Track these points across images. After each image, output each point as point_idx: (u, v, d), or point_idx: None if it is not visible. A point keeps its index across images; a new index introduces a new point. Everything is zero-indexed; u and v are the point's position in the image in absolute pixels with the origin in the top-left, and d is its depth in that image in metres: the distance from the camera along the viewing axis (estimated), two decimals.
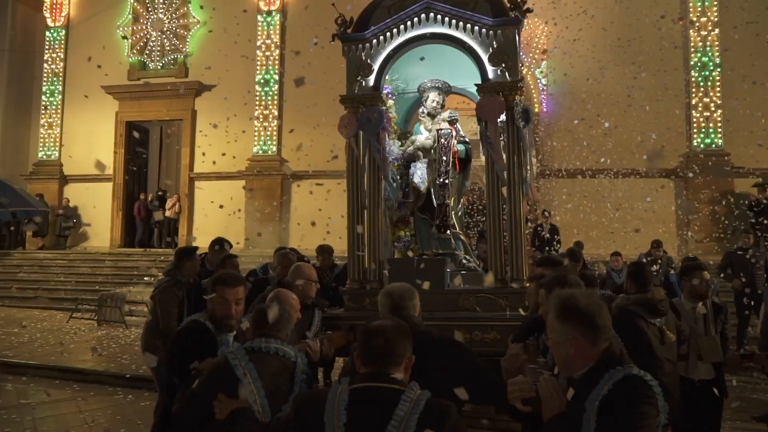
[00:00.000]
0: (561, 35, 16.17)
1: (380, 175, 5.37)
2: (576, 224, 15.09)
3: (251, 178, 18.13)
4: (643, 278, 5.00)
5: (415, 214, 5.87)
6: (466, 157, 5.95)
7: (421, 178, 5.78)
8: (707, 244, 15.26)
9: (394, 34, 5.40)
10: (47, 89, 20.00)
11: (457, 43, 5.31)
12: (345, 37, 5.44)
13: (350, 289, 5.30)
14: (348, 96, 5.43)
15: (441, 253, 5.67)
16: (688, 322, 5.03)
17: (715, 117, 15.88)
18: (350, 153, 5.36)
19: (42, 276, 16.93)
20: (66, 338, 11.36)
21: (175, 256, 5.81)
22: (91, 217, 18.96)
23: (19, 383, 8.51)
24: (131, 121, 19.73)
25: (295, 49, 17.43)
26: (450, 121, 5.92)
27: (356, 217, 5.36)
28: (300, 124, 16.72)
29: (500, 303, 5.01)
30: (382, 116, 5.31)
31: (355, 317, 5.19)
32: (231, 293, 3.51)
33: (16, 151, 20.15)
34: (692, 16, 16.15)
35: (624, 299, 5.07)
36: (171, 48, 19.37)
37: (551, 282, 3.27)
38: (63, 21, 20.17)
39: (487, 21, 5.16)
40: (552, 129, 16.33)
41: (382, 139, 5.34)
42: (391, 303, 3.27)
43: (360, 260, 5.32)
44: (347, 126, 5.38)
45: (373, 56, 5.43)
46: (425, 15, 5.32)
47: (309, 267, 4.21)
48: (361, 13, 5.54)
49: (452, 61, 5.60)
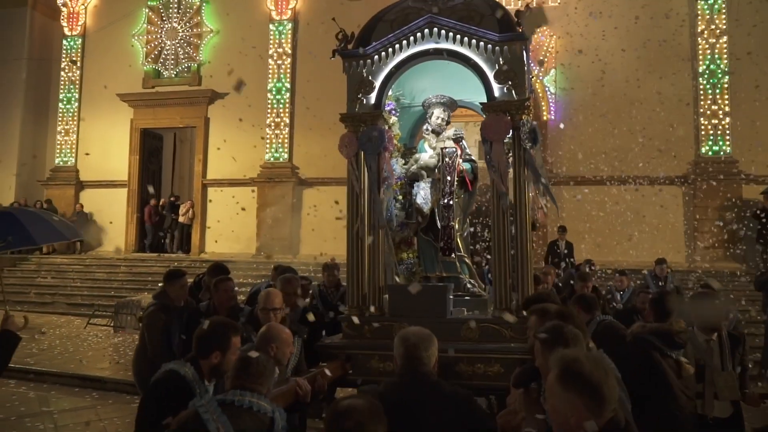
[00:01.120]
0: (569, 46, 15.87)
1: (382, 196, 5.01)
2: (584, 231, 14.74)
3: (263, 184, 17.90)
4: (664, 307, 4.62)
5: (419, 235, 5.48)
6: (473, 176, 5.56)
7: (425, 199, 5.39)
8: (715, 251, 14.85)
9: (397, 50, 5.01)
10: (64, 96, 19.87)
11: (462, 60, 4.92)
12: (345, 53, 5.06)
13: (348, 316, 4.93)
14: (348, 114, 5.06)
15: (445, 276, 5.29)
16: (703, 356, 4.62)
17: (723, 124, 15.46)
18: (350, 174, 4.99)
19: (59, 281, 16.87)
20: (84, 345, 11.43)
21: (163, 279, 5.49)
22: (105, 223, 18.74)
23: (40, 390, 8.55)
24: (146, 128, 19.54)
25: (307, 59, 17.23)
26: (455, 139, 5.54)
27: (355, 239, 4.99)
28: (311, 131, 16.47)
29: (504, 334, 4.62)
30: (383, 136, 4.94)
31: (354, 346, 4.82)
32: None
33: (34, 157, 20.01)
34: (700, 24, 15.71)
35: (640, 327, 4.69)
36: (185, 56, 19.14)
37: (548, 336, 2.91)
38: (79, 30, 20.05)
39: (493, 36, 4.77)
40: (560, 136, 15.95)
41: (383, 159, 4.97)
42: (405, 351, 3.04)
43: (359, 285, 4.96)
44: (347, 145, 5.01)
45: (374, 73, 5.05)
46: (429, 30, 4.92)
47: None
48: (362, 27, 5.16)
49: (458, 74, 5.21)
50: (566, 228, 13.53)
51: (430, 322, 4.65)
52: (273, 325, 3.85)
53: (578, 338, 2.91)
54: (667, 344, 4.34)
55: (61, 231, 6.14)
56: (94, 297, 15.43)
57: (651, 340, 4.38)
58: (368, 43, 5.03)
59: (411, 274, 5.43)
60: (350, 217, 5.04)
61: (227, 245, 17.57)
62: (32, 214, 6.34)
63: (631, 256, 14.02)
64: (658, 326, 4.47)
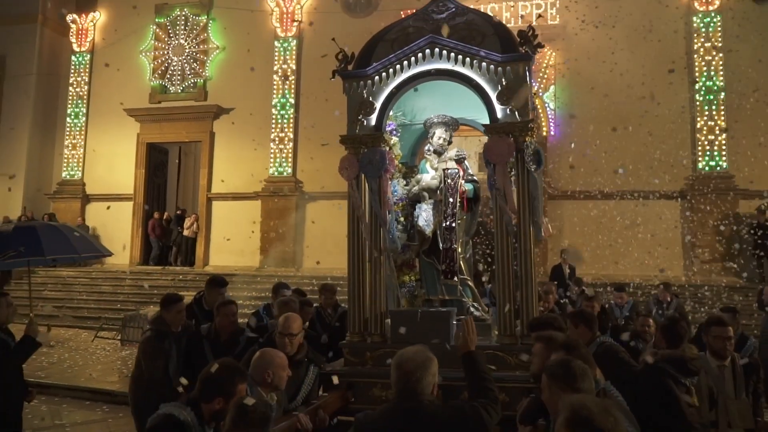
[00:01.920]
0: (568, 64, 15.78)
1: (383, 219, 4.81)
2: (582, 245, 14.57)
3: (267, 198, 17.74)
4: (676, 334, 4.38)
5: (421, 257, 5.27)
6: (475, 197, 5.36)
7: (426, 221, 5.18)
8: (713, 265, 14.67)
9: (398, 70, 4.82)
10: (72, 111, 19.77)
11: (464, 80, 4.73)
12: (345, 74, 4.87)
13: (350, 342, 4.70)
14: (349, 136, 4.86)
15: (448, 299, 5.07)
16: (716, 383, 4.38)
17: (719, 140, 15.34)
18: (351, 197, 4.78)
19: (66, 294, 16.69)
20: (93, 358, 11.39)
21: (160, 304, 5.28)
22: (111, 236, 18.55)
23: (52, 403, 8.49)
24: (152, 142, 19.41)
25: (310, 75, 17.13)
26: (457, 160, 5.33)
27: (357, 263, 4.78)
28: (314, 146, 16.31)
29: (509, 361, 4.40)
30: (384, 158, 4.74)
31: (356, 373, 4.60)
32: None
33: (41, 170, 19.94)
34: (696, 42, 15.61)
35: (652, 355, 4.47)
36: (191, 72, 19.05)
37: (556, 370, 2.74)
38: (88, 46, 19.98)
39: (495, 57, 4.57)
40: (559, 152, 15.80)
41: (385, 182, 4.77)
42: (399, 378, 2.78)
43: (360, 310, 4.74)
44: (348, 168, 4.81)
45: (375, 93, 4.85)
46: (430, 50, 4.74)
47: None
48: (362, 47, 4.97)
49: (459, 93, 5.01)
50: (569, 250, 13.31)
51: (433, 349, 4.47)
52: (266, 350, 3.65)
53: (586, 374, 2.75)
54: (681, 372, 4.11)
55: (75, 247, 6.08)
56: (101, 310, 15.32)
57: (665, 367, 4.15)
58: (368, 64, 4.85)
59: (413, 297, 5.21)
60: (351, 239, 4.83)
61: (231, 258, 17.39)
62: (53, 229, 6.52)
63: (629, 270, 13.83)
64: (671, 353, 4.24)
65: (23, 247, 5.71)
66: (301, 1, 18.31)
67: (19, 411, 5.18)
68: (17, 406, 5.13)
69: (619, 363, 4.37)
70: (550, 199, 15.67)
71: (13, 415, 5.08)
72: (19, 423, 5.23)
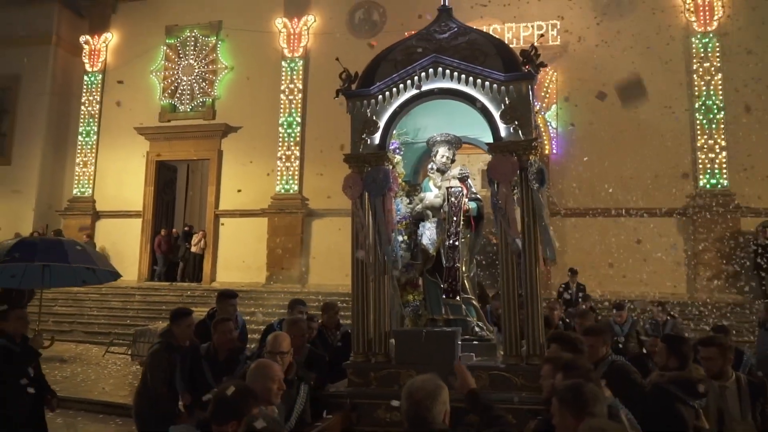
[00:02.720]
0: (569, 83, 15.78)
1: (387, 237, 4.70)
2: (584, 263, 14.41)
3: (273, 215, 17.68)
4: (683, 354, 4.25)
5: (425, 276, 5.15)
6: (479, 215, 5.24)
7: (430, 239, 5.07)
8: (716, 284, 14.50)
9: (401, 90, 4.74)
10: (83, 130, 19.81)
11: (467, 99, 4.64)
12: (349, 93, 4.80)
13: (354, 362, 4.57)
14: (352, 155, 4.77)
15: (452, 318, 4.94)
16: (719, 404, 4.22)
17: (720, 158, 15.25)
18: (354, 216, 4.68)
19: (76, 310, 16.66)
20: (104, 372, 11.50)
21: (170, 317, 5.18)
22: (121, 252, 18.48)
23: (67, 416, 8.52)
24: (161, 160, 19.42)
25: (316, 94, 17.14)
26: (461, 178, 5.23)
27: (360, 283, 4.66)
28: (320, 163, 16.29)
29: (515, 382, 4.26)
30: (388, 176, 4.65)
31: (359, 394, 4.46)
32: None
33: (53, 188, 19.93)
34: (695, 62, 15.59)
35: (659, 376, 4.31)
36: (200, 92, 19.10)
37: (566, 395, 2.66)
38: (100, 66, 20.04)
39: (498, 76, 4.49)
40: (561, 170, 15.72)
41: (388, 200, 4.67)
42: (410, 405, 2.69)
43: (364, 330, 4.61)
44: (352, 186, 4.72)
45: (378, 113, 4.78)
46: (433, 69, 4.66)
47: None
48: (366, 67, 4.90)
49: (461, 111, 4.93)
50: (577, 270, 12.84)
51: (438, 370, 4.34)
52: (261, 361, 3.56)
53: (598, 398, 2.68)
54: (688, 393, 3.96)
55: (69, 257, 6.24)
56: (111, 326, 15.26)
57: (673, 390, 4.00)
58: (372, 83, 4.77)
59: (417, 317, 5.08)
60: (355, 259, 4.71)
61: (238, 275, 17.28)
62: (55, 241, 7.07)
63: (631, 288, 13.67)
64: (677, 375, 4.09)
65: (18, 254, 6.29)
66: (308, 23, 18.37)
67: (39, 417, 5.26)
68: (34, 412, 5.18)
69: (630, 384, 4.23)
70: (552, 216, 15.55)
71: (28, 420, 5.11)
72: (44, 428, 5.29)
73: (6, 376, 4.95)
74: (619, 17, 16.00)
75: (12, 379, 4.98)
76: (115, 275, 7.46)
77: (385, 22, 17.62)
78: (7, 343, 5.07)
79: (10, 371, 4.99)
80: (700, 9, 15.85)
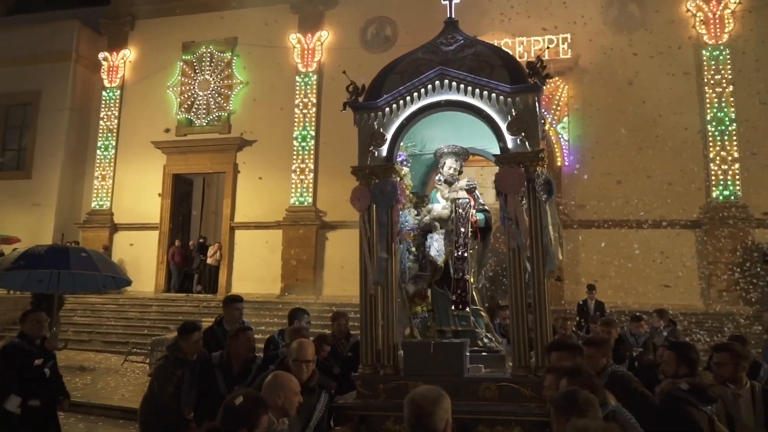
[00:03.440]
0: (580, 96, 15.72)
1: (393, 249, 4.67)
2: (598, 275, 14.27)
3: (288, 227, 17.73)
4: (691, 360, 4.17)
5: (433, 287, 5.09)
6: (487, 226, 5.19)
7: (438, 251, 5.02)
8: (729, 294, 14.29)
9: (408, 102, 4.70)
10: (102, 144, 20.08)
11: (474, 111, 4.61)
12: (356, 106, 4.78)
13: (362, 374, 4.52)
14: (360, 167, 4.75)
15: (461, 330, 4.88)
16: (731, 411, 4.12)
17: (733, 170, 15.11)
18: (362, 229, 4.65)
19: (95, 320, 16.80)
20: (123, 380, 11.60)
21: (177, 331, 5.18)
22: (138, 264, 18.61)
23: (88, 422, 8.75)
24: (178, 173, 19.58)
25: (330, 107, 17.20)
26: (468, 190, 5.18)
27: (369, 294, 4.62)
28: (334, 176, 16.33)
29: (524, 393, 4.19)
30: (395, 189, 4.61)
31: (368, 406, 4.41)
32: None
33: (72, 201, 20.23)
34: (707, 75, 15.48)
35: (670, 383, 4.23)
36: (215, 106, 19.27)
37: (561, 402, 2.74)
38: (118, 82, 20.32)
39: (504, 88, 4.45)
40: (574, 182, 15.62)
41: (395, 212, 4.64)
42: (412, 411, 2.68)
43: (373, 342, 4.56)
44: (360, 199, 4.69)
45: (385, 125, 4.75)
46: (440, 81, 4.63)
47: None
48: (373, 79, 4.89)
49: (468, 123, 4.89)
50: (595, 286, 12.47)
51: (447, 381, 4.28)
52: (279, 373, 3.52)
53: (591, 404, 2.73)
54: (700, 399, 3.88)
55: (71, 264, 6.88)
56: (128, 335, 15.37)
57: (684, 396, 3.92)
58: (379, 96, 4.75)
59: (425, 328, 5.03)
60: (362, 270, 4.68)
61: (253, 286, 17.32)
62: (62, 249, 7.51)
63: (644, 299, 13.49)
64: (688, 381, 4.01)
65: (23, 261, 6.84)
66: (321, 38, 18.50)
67: (53, 417, 5.48)
68: (49, 413, 5.41)
69: (631, 393, 4.16)
70: (565, 227, 15.45)
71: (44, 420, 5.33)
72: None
73: (23, 375, 5.16)
74: (629, 30, 15.96)
75: (29, 377, 5.19)
76: (119, 281, 8.01)
77: (397, 37, 17.69)
78: (23, 343, 5.33)
79: (26, 370, 5.18)
80: (710, 21, 15.75)
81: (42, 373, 5.33)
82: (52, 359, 5.55)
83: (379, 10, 18.04)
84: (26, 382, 5.17)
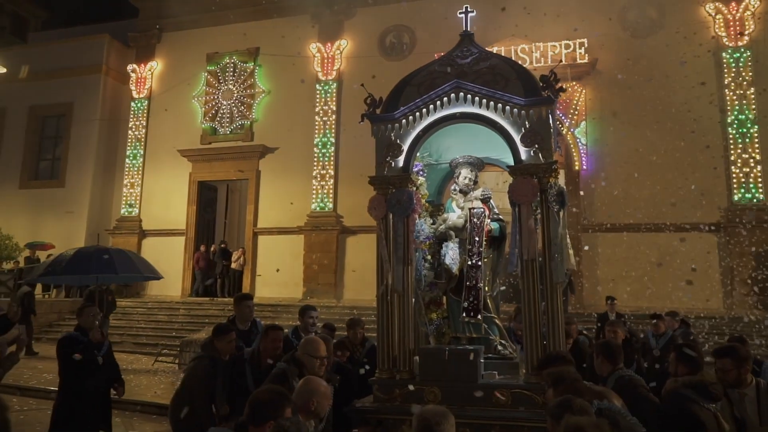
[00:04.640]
0: (598, 100, 15.62)
1: (409, 257, 4.72)
2: (618, 278, 14.14)
3: (309, 232, 17.86)
4: (693, 358, 4.15)
5: (448, 295, 5.13)
6: (501, 236, 5.22)
7: (453, 259, 5.06)
8: (752, 297, 14.06)
9: (424, 114, 4.76)
10: (130, 153, 20.44)
11: (488, 123, 4.65)
12: (374, 118, 4.85)
13: (379, 378, 4.58)
14: (377, 177, 4.82)
15: (475, 337, 4.92)
16: (739, 411, 4.09)
17: (755, 172, 14.91)
18: (379, 237, 4.72)
19: (126, 323, 17.08)
20: (155, 379, 11.97)
21: (212, 332, 5.27)
22: (165, 270, 18.85)
23: (124, 417, 8.99)
24: (203, 180, 19.85)
25: (349, 115, 17.31)
26: (483, 199, 5.22)
27: (385, 300, 4.68)
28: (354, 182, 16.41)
29: (537, 400, 4.21)
30: (411, 198, 4.67)
31: (385, 410, 4.47)
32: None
33: (103, 208, 20.61)
34: (727, 77, 15.27)
35: (673, 382, 4.22)
36: (239, 115, 19.51)
37: (556, 410, 2.75)
38: (146, 93, 20.68)
39: (518, 101, 4.48)
40: (593, 186, 15.51)
41: (411, 221, 4.69)
42: (418, 423, 2.77)
43: (389, 347, 4.62)
44: (377, 208, 4.76)
45: (402, 136, 4.81)
46: (455, 94, 4.68)
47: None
48: (390, 92, 4.95)
49: (483, 133, 4.92)
50: (615, 298, 11.97)
51: (461, 387, 4.34)
52: (312, 378, 3.57)
53: (586, 411, 2.75)
54: (703, 396, 3.86)
55: (90, 268, 7.88)
56: (158, 337, 15.64)
57: (687, 394, 3.90)
58: (396, 108, 4.81)
59: (440, 335, 5.07)
60: (379, 278, 4.74)
61: (276, 290, 17.50)
62: (84, 253, 8.42)
63: (663, 303, 13.31)
64: (690, 379, 3.99)
65: (50, 267, 7.69)
66: (341, 47, 18.64)
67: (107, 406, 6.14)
68: (104, 402, 6.04)
69: (637, 398, 4.14)
70: (583, 231, 15.34)
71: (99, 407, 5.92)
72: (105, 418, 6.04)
73: (80, 365, 5.63)
74: (647, 34, 15.83)
75: (87, 367, 5.66)
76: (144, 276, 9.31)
77: (415, 44, 17.76)
78: (78, 334, 5.83)
79: (83, 360, 5.64)
80: (730, 23, 15.55)
81: (94, 360, 5.76)
82: (106, 348, 6.01)
83: (396, 19, 18.14)
84: (81, 367, 5.62)
